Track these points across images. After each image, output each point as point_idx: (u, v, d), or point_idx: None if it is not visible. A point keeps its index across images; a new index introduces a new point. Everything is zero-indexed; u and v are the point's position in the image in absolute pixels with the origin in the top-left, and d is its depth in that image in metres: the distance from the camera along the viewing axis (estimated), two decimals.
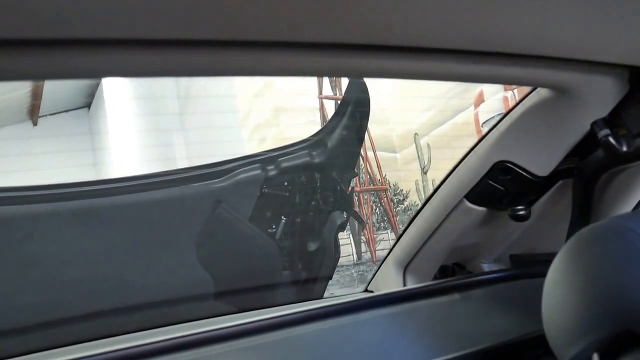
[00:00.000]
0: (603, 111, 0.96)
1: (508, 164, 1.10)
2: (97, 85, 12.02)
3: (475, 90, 6.04)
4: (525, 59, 0.83)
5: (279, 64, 0.69)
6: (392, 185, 7.38)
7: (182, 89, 9.24)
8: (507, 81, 0.93)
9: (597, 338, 0.69)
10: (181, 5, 0.54)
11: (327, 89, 7.31)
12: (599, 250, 0.69)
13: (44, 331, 1.16)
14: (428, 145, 6.81)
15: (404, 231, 1.34)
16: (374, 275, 1.45)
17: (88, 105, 13.35)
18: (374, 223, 7.14)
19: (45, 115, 12.55)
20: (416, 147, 6.99)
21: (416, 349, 1.09)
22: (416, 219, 1.30)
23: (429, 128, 6.79)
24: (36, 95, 11.32)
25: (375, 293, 1.26)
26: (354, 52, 0.71)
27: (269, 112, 7.25)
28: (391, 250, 1.39)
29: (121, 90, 10.62)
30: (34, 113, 12.23)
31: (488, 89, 5.65)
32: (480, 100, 6.01)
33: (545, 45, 0.79)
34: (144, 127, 10.04)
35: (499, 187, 1.15)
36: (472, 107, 6.13)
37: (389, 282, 1.37)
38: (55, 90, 11.57)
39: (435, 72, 0.82)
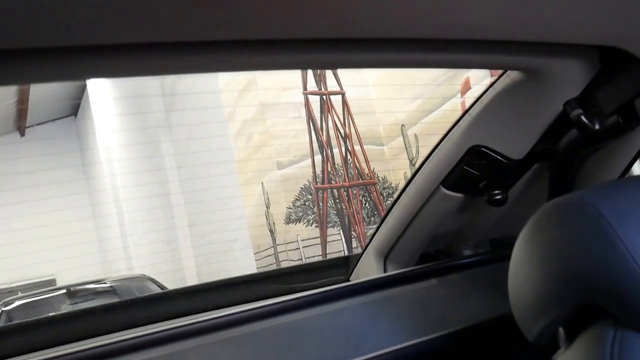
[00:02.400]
0: (575, 91, 0.96)
1: (482, 149, 1.10)
2: (82, 92, 12.03)
3: (461, 77, 6.04)
4: (495, 44, 0.83)
5: (260, 60, 0.73)
6: (380, 178, 7.38)
7: (167, 87, 9.25)
8: (478, 65, 0.94)
9: (560, 312, 0.70)
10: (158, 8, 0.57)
11: (311, 84, 7.30)
12: (559, 226, 0.70)
13: None
14: (415, 136, 6.81)
15: (383, 221, 1.34)
16: (355, 266, 1.44)
17: (75, 113, 13.36)
18: (364, 217, 7.14)
19: (33, 126, 12.55)
20: (403, 138, 7.00)
21: (392, 333, 1.10)
22: (394, 208, 1.30)
23: (415, 118, 6.79)
24: (21, 112, 11.34)
25: (352, 281, 1.25)
26: (327, 45, 0.73)
27: (254, 108, 7.24)
28: (371, 240, 1.39)
29: (106, 94, 10.62)
30: (20, 125, 12.23)
31: (474, 75, 5.66)
32: (466, 87, 6.01)
33: (514, 29, 0.79)
34: (130, 126, 10.05)
35: (474, 172, 1.14)
36: (459, 95, 6.13)
37: (369, 272, 1.37)
38: (41, 100, 11.57)
39: (409, 61, 0.84)
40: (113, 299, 6.19)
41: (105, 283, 6.56)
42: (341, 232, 7.06)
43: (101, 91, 10.74)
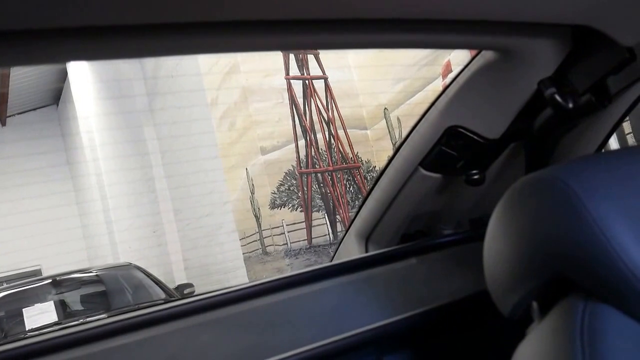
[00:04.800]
0: (549, 70, 0.97)
1: (459, 129, 1.11)
2: (64, 79, 11.93)
3: (442, 60, 6.05)
4: (469, 24, 0.84)
5: (244, 41, 0.74)
6: (364, 162, 7.39)
7: (148, 70, 9.19)
8: (452, 46, 0.95)
9: (533, 287, 0.72)
10: None
11: (294, 70, 7.28)
12: (531, 202, 0.71)
13: None
14: (398, 119, 6.82)
15: (363, 203, 1.35)
16: (337, 249, 1.45)
17: (56, 102, 13.26)
18: (348, 201, 7.16)
19: (14, 115, 12.44)
20: (386, 122, 7.00)
21: (372, 312, 1.12)
22: (374, 190, 1.31)
23: (398, 102, 6.80)
24: (1, 100, 11.22)
25: (333, 262, 1.27)
26: (302, 26, 0.74)
27: (236, 95, 7.21)
28: (352, 222, 1.40)
29: (88, 80, 10.54)
30: (1, 113, 12.12)
31: (455, 58, 5.67)
32: (447, 70, 6.02)
33: (488, 9, 0.80)
34: (113, 110, 9.99)
35: (452, 152, 1.15)
36: (441, 78, 6.14)
37: (351, 253, 1.38)
38: (22, 89, 11.46)
39: (383, 41, 0.85)
40: (99, 288, 6.18)
41: (91, 272, 6.54)
42: (326, 216, 7.08)
43: (83, 78, 10.65)
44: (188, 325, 1.01)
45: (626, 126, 3.25)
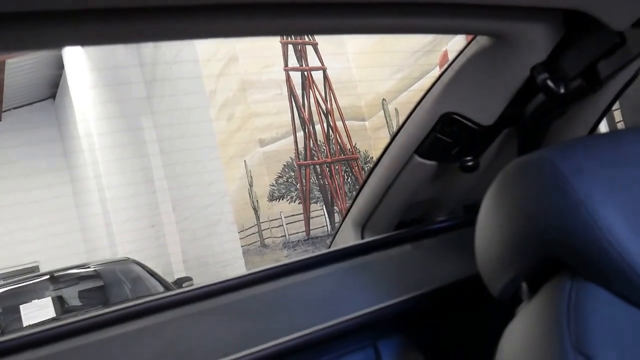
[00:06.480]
0: (541, 56, 0.98)
1: (454, 116, 1.12)
2: (60, 74, 11.90)
3: (440, 50, 6.05)
4: (462, 8, 0.84)
5: (242, 26, 0.73)
6: (362, 153, 7.40)
7: (146, 57, 9.17)
8: (445, 30, 0.95)
9: (522, 267, 0.73)
10: None
11: (293, 60, 7.28)
12: (521, 184, 0.72)
13: None
14: (396, 110, 6.82)
15: (360, 191, 1.36)
16: (334, 238, 1.46)
17: (53, 96, 13.23)
18: (346, 192, 7.17)
19: (9, 110, 12.42)
20: (384, 113, 7.00)
21: (367, 296, 1.13)
22: (370, 179, 1.32)
23: (396, 93, 6.79)
24: None
25: (328, 250, 1.28)
26: (294, 10, 0.74)
27: (235, 86, 7.20)
28: (348, 211, 1.40)
29: (85, 74, 10.51)
30: None
31: (453, 46, 5.67)
32: (444, 60, 6.01)
33: None
34: (113, 113, 9.97)
35: (446, 139, 1.16)
36: (438, 68, 6.14)
37: (348, 242, 1.39)
38: (17, 83, 11.43)
39: (377, 26, 0.85)
40: (97, 283, 6.19)
41: (89, 267, 6.54)
42: (324, 208, 7.09)
43: (79, 68, 10.60)
44: (185, 313, 1.02)
45: (617, 115, 3.26)
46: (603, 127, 1.19)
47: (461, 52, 1.07)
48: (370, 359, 1.19)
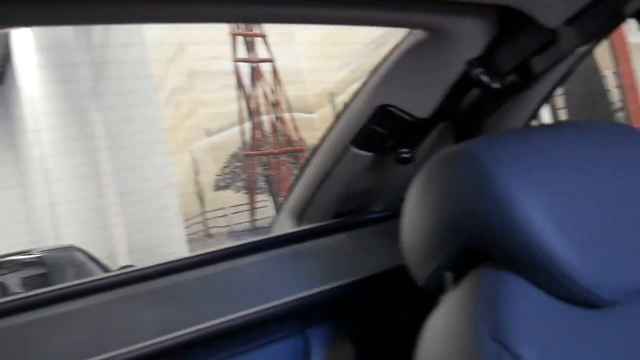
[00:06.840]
0: (476, 51, 0.99)
1: (390, 108, 1.12)
2: (7, 59, 11.59)
3: (387, 46, 6.08)
4: (397, 2, 0.84)
5: (199, 11, 0.72)
6: (309, 145, 7.41)
7: (94, 39, 9.00)
8: (381, 23, 0.95)
9: (445, 257, 0.74)
10: None
11: (241, 52, 7.23)
12: (444, 175, 0.73)
13: None
14: (345, 104, 6.84)
15: (297, 179, 1.35)
16: (271, 226, 1.45)
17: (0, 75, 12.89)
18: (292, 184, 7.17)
19: None
20: (332, 106, 7.02)
21: (295, 284, 1.13)
22: (308, 167, 1.31)
23: (344, 86, 6.81)
24: None
25: (262, 237, 1.27)
26: None
27: (184, 76, 7.12)
28: (286, 200, 1.40)
29: (32, 57, 10.26)
30: None
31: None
32: None
33: None
34: (58, 94, 9.76)
35: (382, 131, 1.16)
36: None
37: (285, 230, 1.38)
38: None
39: (309, 16, 0.84)
40: (40, 271, 6.05)
41: (32, 254, 6.39)
42: (271, 198, 7.08)
43: (27, 59, 10.36)
44: (118, 296, 1.01)
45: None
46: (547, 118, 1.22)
47: (398, 45, 1.08)
48: (299, 346, 1.19)
